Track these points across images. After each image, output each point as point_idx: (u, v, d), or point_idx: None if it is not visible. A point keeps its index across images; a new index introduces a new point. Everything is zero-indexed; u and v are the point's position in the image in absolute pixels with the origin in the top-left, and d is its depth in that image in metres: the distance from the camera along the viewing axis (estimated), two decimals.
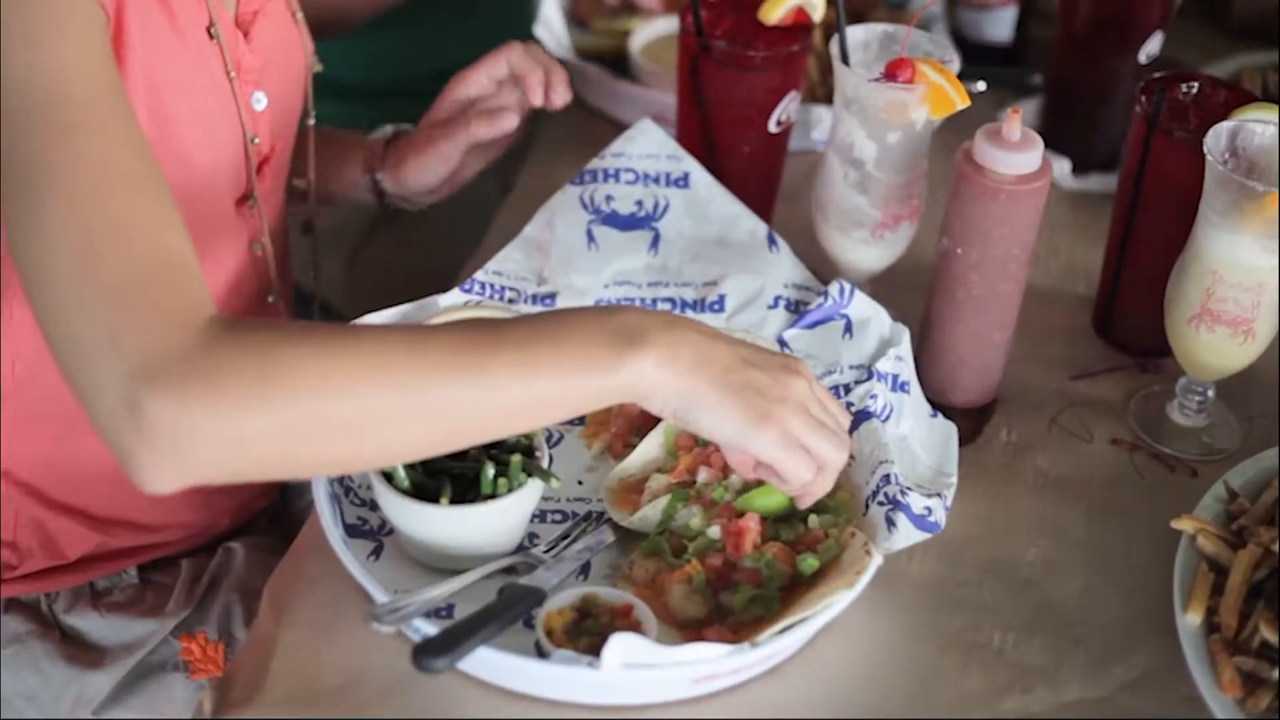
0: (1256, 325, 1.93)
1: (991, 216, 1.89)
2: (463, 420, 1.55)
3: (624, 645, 1.57)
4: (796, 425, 1.65)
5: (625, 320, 1.60)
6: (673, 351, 1.59)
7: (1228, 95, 2.08)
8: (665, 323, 1.61)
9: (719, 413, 1.62)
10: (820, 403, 1.69)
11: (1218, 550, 1.82)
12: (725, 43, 2.11)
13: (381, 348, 1.51)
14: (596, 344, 1.57)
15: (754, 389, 1.63)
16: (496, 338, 1.55)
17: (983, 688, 1.72)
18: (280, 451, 1.48)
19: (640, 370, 1.57)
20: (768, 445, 1.64)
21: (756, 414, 1.62)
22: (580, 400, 1.59)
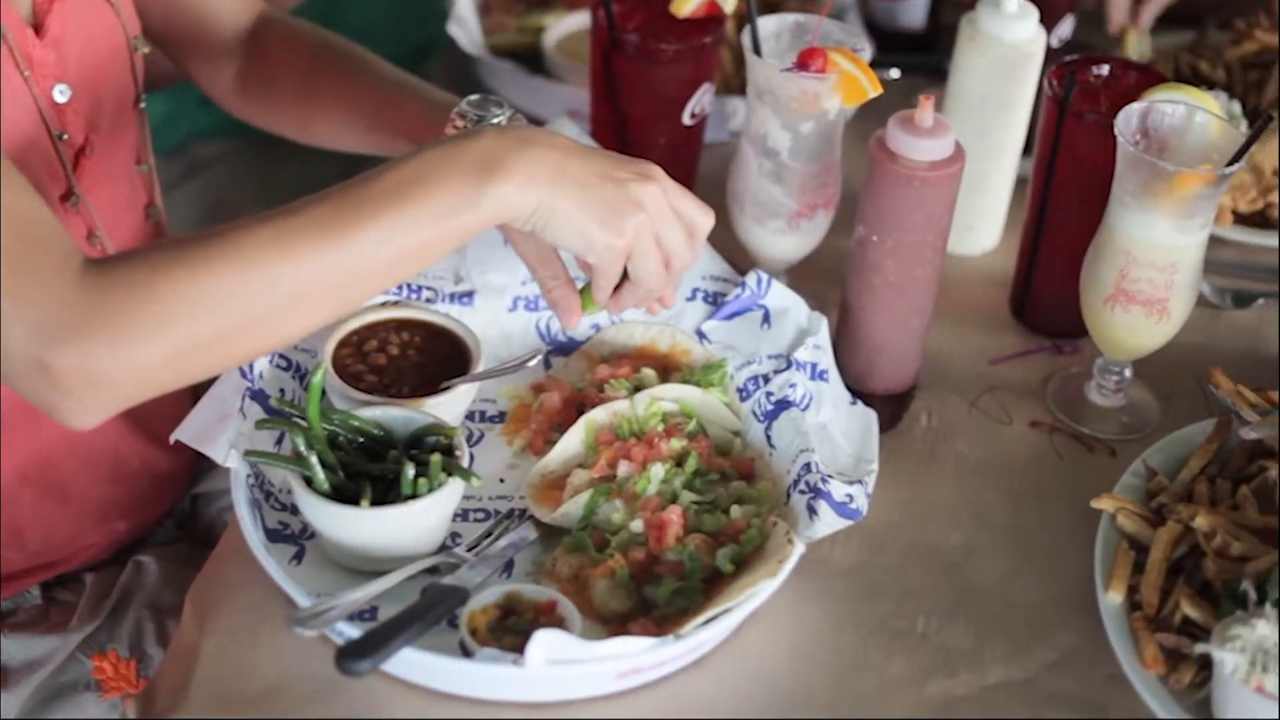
0: (1171, 304, 1.95)
1: (906, 203, 1.90)
2: (347, 289, 1.61)
3: (547, 642, 1.57)
4: (647, 228, 1.70)
5: (482, 148, 1.63)
6: (531, 171, 1.63)
7: (1139, 77, 2.10)
8: (521, 142, 1.65)
9: (574, 223, 1.67)
10: (672, 208, 1.73)
11: (1138, 529, 1.83)
12: (637, 37, 2.12)
13: (249, 246, 1.55)
14: (458, 182, 1.61)
15: (610, 200, 1.67)
16: (360, 202, 1.59)
17: (907, 672, 1.73)
18: (187, 365, 1.55)
19: (502, 196, 1.62)
20: (618, 248, 1.69)
21: (612, 224, 1.67)
22: (453, 238, 1.63)
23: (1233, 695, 1.63)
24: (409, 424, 1.76)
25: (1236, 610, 1.67)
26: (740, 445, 1.91)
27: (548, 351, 2.03)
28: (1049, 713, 1.70)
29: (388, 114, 1.96)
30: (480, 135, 1.64)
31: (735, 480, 1.84)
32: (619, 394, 1.89)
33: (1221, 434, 1.94)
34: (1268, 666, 1.61)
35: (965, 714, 1.69)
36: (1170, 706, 1.67)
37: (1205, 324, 2.23)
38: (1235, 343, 2.23)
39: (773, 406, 1.88)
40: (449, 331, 1.90)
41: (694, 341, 1.99)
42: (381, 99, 1.97)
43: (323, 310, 1.61)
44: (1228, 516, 1.81)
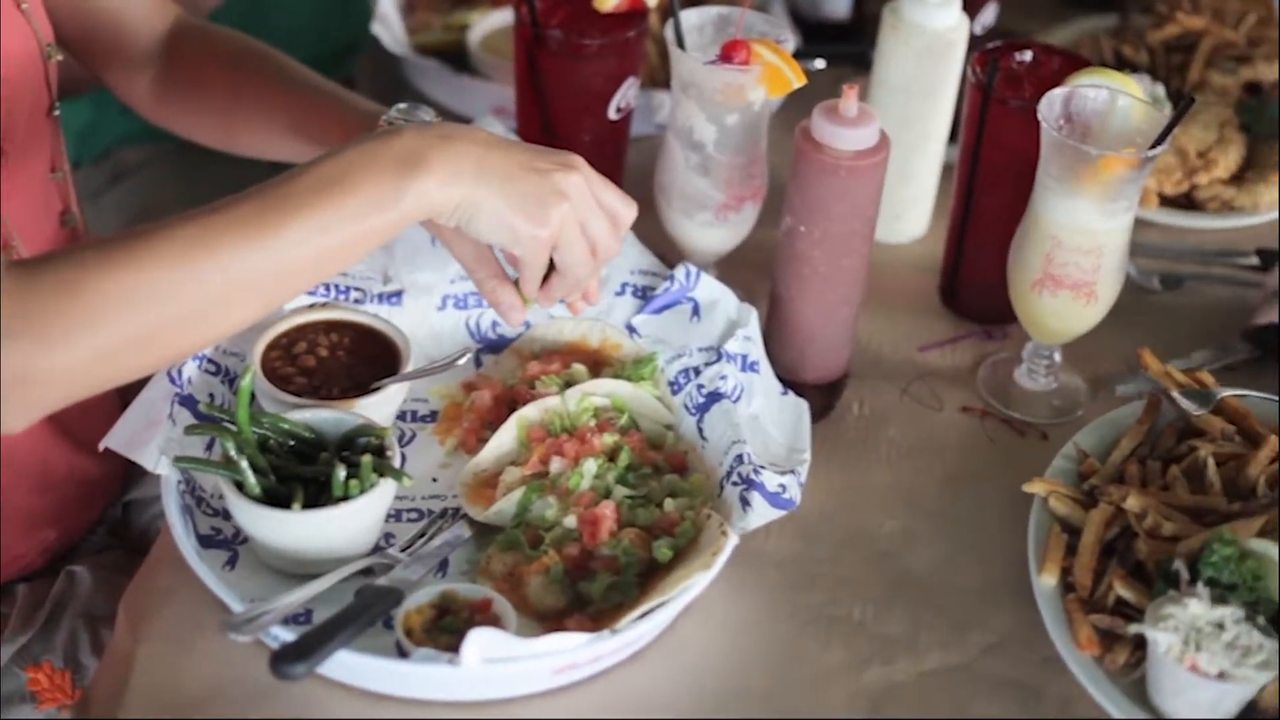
0: (1098, 287, 1.96)
1: (832, 193, 1.90)
2: (272, 286, 1.60)
3: (482, 640, 1.56)
4: (572, 217, 1.70)
5: (404, 145, 1.63)
6: (454, 167, 1.64)
7: (1062, 62, 2.11)
8: (441, 138, 1.65)
9: (499, 216, 1.67)
10: (595, 197, 1.73)
11: (1070, 511, 1.84)
12: (560, 32, 2.11)
13: (174, 244, 1.54)
14: (380, 179, 1.61)
15: (531, 189, 1.68)
16: (283, 199, 1.59)
17: (844, 661, 1.73)
18: (115, 365, 1.55)
19: (425, 193, 1.63)
20: (542, 239, 1.69)
21: (536, 215, 1.67)
22: (377, 235, 1.63)
23: (1167, 675, 1.64)
24: (340, 426, 1.75)
25: (1169, 590, 1.68)
26: (672, 438, 1.91)
27: (478, 349, 2.02)
28: (986, 696, 1.71)
29: (313, 121, 1.94)
30: (401, 132, 1.64)
31: (668, 474, 1.85)
32: (550, 390, 1.89)
33: (1151, 415, 1.96)
34: (1201, 645, 1.62)
35: (903, 700, 1.70)
36: (1106, 687, 1.68)
37: (1133, 306, 2.23)
38: (1163, 324, 2.24)
39: (704, 399, 1.89)
40: (378, 332, 1.89)
41: (624, 336, 1.99)
42: (305, 106, 1.96)
43: (249, 308, 1.61)
44: (1159, 497, 1.82)
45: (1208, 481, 1.86)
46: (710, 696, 1.68)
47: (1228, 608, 1.64)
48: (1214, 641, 1.62)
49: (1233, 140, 2.54)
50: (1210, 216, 2.46)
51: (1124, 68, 2.64)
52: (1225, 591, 1.67)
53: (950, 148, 2.31)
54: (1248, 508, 1.81)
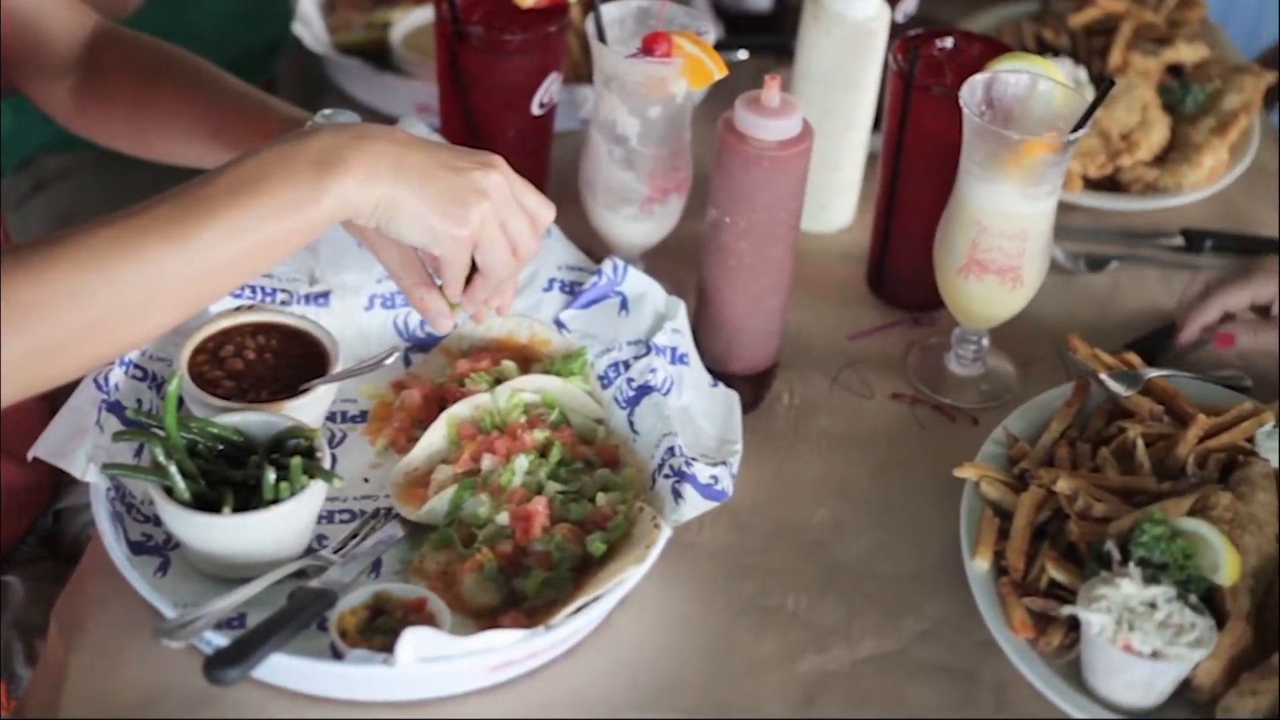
0: (1023, 271, 1.97)
1: (756, 183, 1.90)
2: (192, 289, 1.60)
3: (417, 639, 1.56)
4: (492, 216, 1.70)
5: (322, 145, 1.62)
6: (372, 166, 1.63)
7: (983, 48, 2.12)
8: (359, 137, 1.65)
9: (418, 215, 1.66)
10: (514, 195, 1.73)
11: (1001, 495, 1.85)
12: (482, 28, 2.11)
13: (92, 248, 1.54)
14: (298, 179, 1.60)
15: (451, 191, 1.67)
16: (201, 201, 1.58)
17: (779, 651, 1.73)
18: (36, 370, 1.54)
19: (343, 193, 1.62)
20: (462, 239, 1.69)
21: (456, 214, 1.67)
22: (296, 236, 1.63)
23: (1101, 655, 1.65)
24: (269, 428, 1.74)
25: (1101, 571, 1.69)
26: (603, 433, 1.91)
27: (406, 348, 2.02)
28: (921, 682, 1.72)
29: (235, 128, 1.92)
30: (318, 133, 1.64)
31: (600, 468, 1.85)
32: (480, 387, 1.89)
33: (1080, 397, 1.97)
34: (1134, 625, 1.63)
35: (837, 689, 1.70)
36: (1040, 670, 1.69)
37: (1060, 289, 2.26)
38: (1090, 307, 2.26)
39: (634, 392, 1.89)
40: (305, 333, 1.88)
41: (553, 331, 1.99)
42: (226, 113, 1.94)
43: (169, 312, 1.60)
44: (1089, 479, 1.83)
45: (1137, 462, 1.87)
46: (646, 689, 1.68)
47: (1159, 587, 1.66)
48: (1147, 621, 1.64)
49: (1155, 122, 2.56)
50: (1134, 198, 2.48)
51: (1045, 52, 2.66)
52: (1157, 571, 1.68)
53: (874, 136, 2.32)
54: (1177, 487, 1.83)
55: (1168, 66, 2.71)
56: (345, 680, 1.62)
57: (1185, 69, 2.73)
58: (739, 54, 2.53)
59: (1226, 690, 1.67)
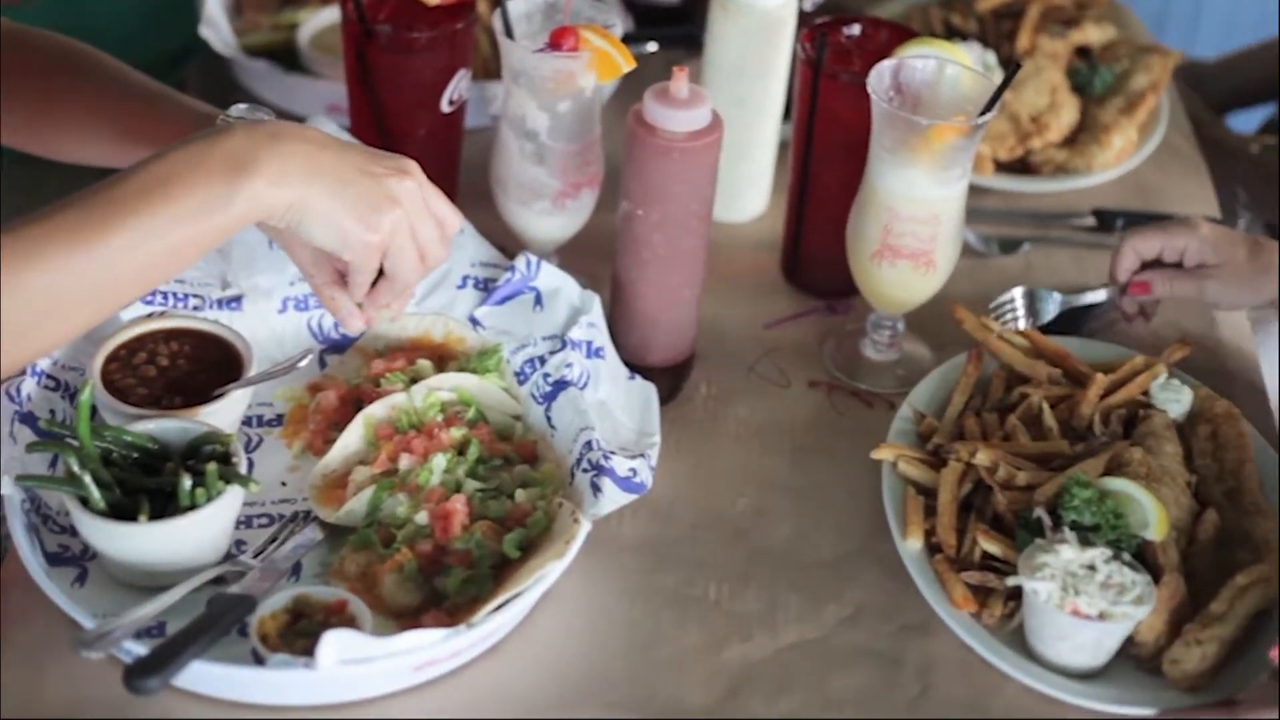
0: (936, 255, 1.97)
1: (668, 175, 1.90)
2: (102, 295, 1.58)
3: (338, 641, 1.55)
4: (404, 223, 1.68)
5: (233, 146, 1.60)
6: (283, 167, 1.61)
7: (890, 34, 2.12)
8: (272, 136, 1.62)
9: (330, 219, 1.65)
10: (426, 202, 1.71)
11: (920, 473, 1.87)
12: (389, 27, 2.10)
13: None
14: (208, 181, 1.58)
15: (365, 196, 1.66)
16: (108, 204, 1.56)
17: (702, 641, 1.74)
18: None
19: (254, 194, 1.60)
20: (373, 244, 1.67)
21: (368, 219, 1.65)
22: (207, 239, 1.60)
23: (1049, 622, 1.67)
24: (184, 435, 1.73)
25: (1033, 539, 1.71)
26: (521, 429, 1.90)
27: (321, 350, 2.01)
28: (845, 668, 1.72)
29: (144, 126, 1.89)
30: (230, 132, 1.62)
31: (518, 464, 1.85)
32: (396, 387, 1.88)
33: (976, 366, 1.99)
34: (1078, 589, 1.66)
35: (762, 677, 1.71)
36: (989, 642, 1.72)
37: (973, 272, 2.27)
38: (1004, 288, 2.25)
39: (551, 388, 1.88)
40: (219, 338, 1.87)
41: (468, 329, 1.99)
42: (135, 110, 1.91)
43: (79, 318, 1.58)
44: (1005, 448, 1.86)
45: (1045, 426, 1.91)
46: (571, 684, 1.68)
47: (1095, 549, 1.69)
48: (1089, 584, 1.67)
49: (1065, 104, 2.57)
50: (1045, 180, 2.49)
51: (954, 37, 2.67)
52: (1089, 533, 1.71)
53: (785, 125, 2.32)
54: (1090, 448, 1.86)
55: (1076, 48, 2.72)
56: (267, 685, 1.62)
57: (1093, 50, 2.74)
58: (648, 46, 2.53)
59: (1169, 643, 1.70)
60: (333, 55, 2.51)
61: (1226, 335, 2.22)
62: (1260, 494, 1.88)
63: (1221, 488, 1.89)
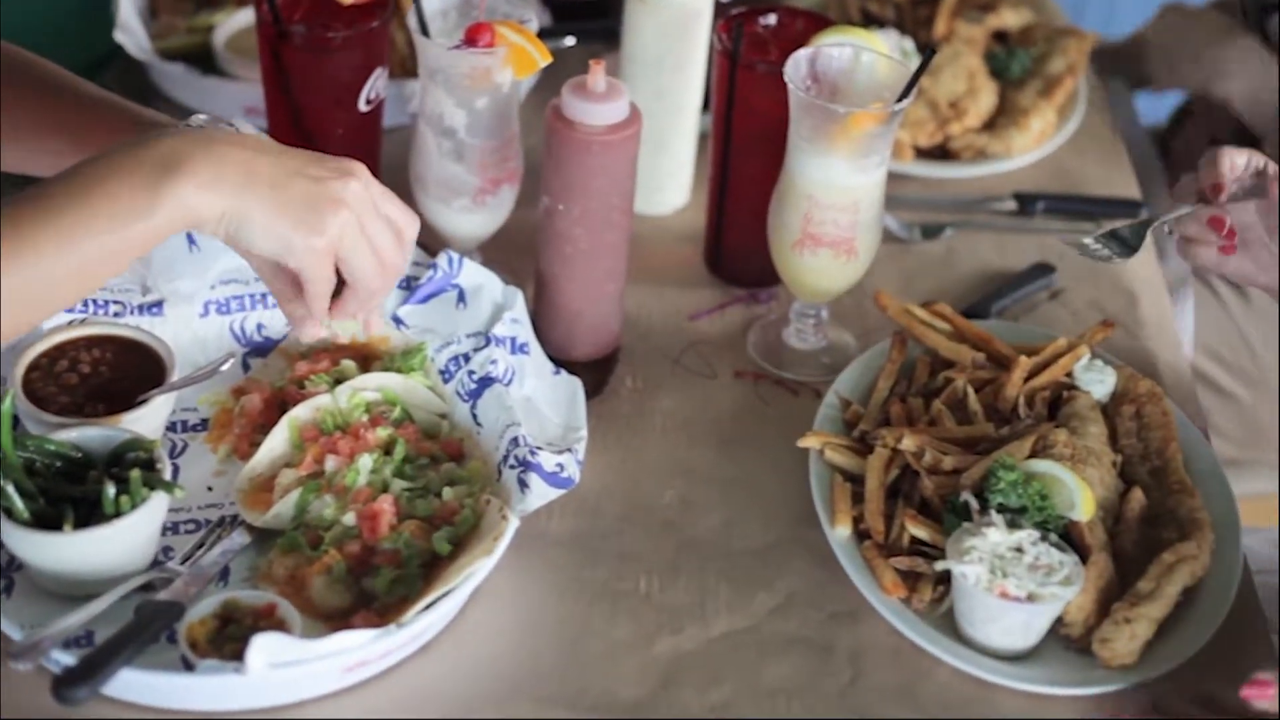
0: (857, 243, 1.98)
1: (587, 169, 1.90)
2: (29, 301, 1.53)
3: (267, 645, 1.55)
4: (353, 225, 1.62)
5: (162, 149, 1.55)
6: (216, 172, 1.55)
7: (806, 23, 2.13)
8: (204, 142, 1.57)
9: (269, 225, 1.58)
10: (375, 205, 1.65)
11: (847, 460, 1.87)
12: (304, 27, 2.09)
13: None
14: (132, 186, 1.53)
15: (306, 199, 1.59)
16: (35, 211, 1.52)
17: (633, 634, 1.74)
18: None
19: (182, 199, 1.54)
20: (319, 249, 1.60)
21: (311, 223, 1.59)
22: (135, 245, 1.55)
23: (978, 605, 1.68)
24: (107, 442, 1.72)
25: (960, 523, 1.72)
26: (447, 427, 1.90)
27: (244, 353, 1.99)
28: (777, 656, 1.73)
29: (97, 136, 1.83)
30: (162, 136, 1.57)
31: (445, 462, 1.84)
32: (320, 389, 1.87)
33: (901, 352, 2.00)
34: (1007, 572, 1.67)
35: (694, 668, 1.71)
36: (920, 627, 1.73)
37: (896, 259, 2.28)
38: (927, 274, 2.28)
39: (476, 385, 1.88)
40: (141, 344, 1.86)
41: (391, 328, 1.98)
42: (86, 119, 1.86)
43: (14, 323, 1.54)
44: (930, 433, 1.87)
45: (970, 410, 1.92)
46: (502, 682, 1.68)
47: (1022, 531, 1.70)
48: (1017, 566, 1.68)
49: (983, 88, 2.58)
50: (965, 165, 2.50)
51: (871, 25, 2.67)
52: (1016, 515, 1.72)
53: (705, 116, 2.33)
54: (1015, 430, 1.87)
55: (993, 33, 2.74)
56: (198, 691, 1.61)
57: (1010, 35, 2.75)
58: (566, 41, 2.52)
59: (1099, 623, 1.72)
60: (249, 57, 2.50)
61: (1148, 315, 2.23)
62: (1185, 472, 1.89)
63: (1147, 467, 1.90)
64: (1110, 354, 2.06)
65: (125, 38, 2.51)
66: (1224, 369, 2.71)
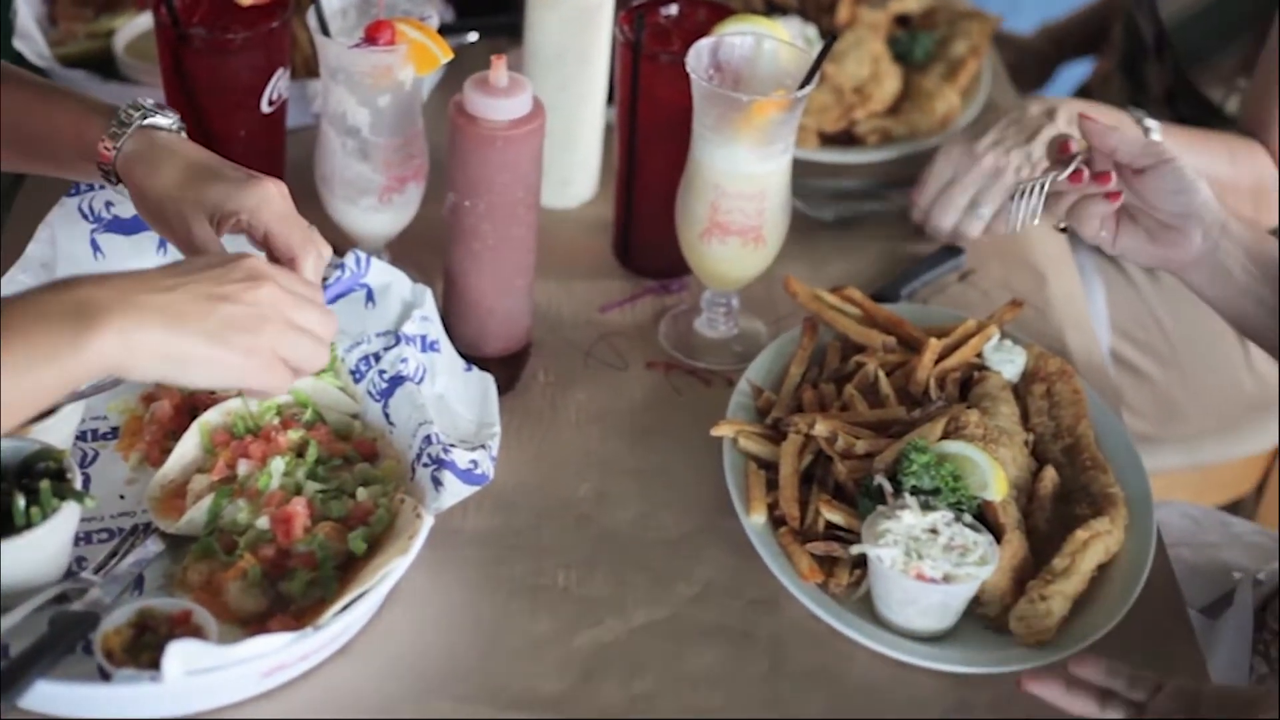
0: (765, 230, 1.99)
1: (492, 165, 1.90)
2: None
3: (183, 652, 1.54)
4: (283, 344, 1.59)
5: (79, 296, 1.50)
6: (138, 320, 1.51)
7: (708, 12, 2.13)
8: (123, 289, 1.52)
9: (213, 362, 1.55)
10: (294, 300, 1.62)
11: (761, 448, 1.88)
12: (203, 29, 2.07)
13: None
14: (49, 333, 1.47)
15: (232, 326, 1.56)
16: None
17: (553, 628, 1.74)
18: None
19: (103, 349, 1.49)
20: (261, 365, 1.58)
21: (243, 352, 1.56)
22: (50, 391, 1.49)
23: (895, 587, 1.69)
24: (16, 453, 1.70)
25: (875, 506, 1.73)
26: (360, 427, 1.89)
27: None
28: (697, 645, 1.73)
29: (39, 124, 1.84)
30: (81, 280, 1.52)
31: (359, 463, 1.83)
32: (230, 393, 1.86)
33: (811, 338, 2.01)
34: (921, 553, 1.68)
35: (614, 660, 1.71)
36: (838, 611, 1.74)
37: (805, 245, 2.28)
38: (836, 259, 2.28)
39: (387, 384, 1.87)
40: None
41: None
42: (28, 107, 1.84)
43: None
44: (842, 418, 1.87)
45: (882, 394, 1.93)
46: (422, 680, 1.68)
47: (936, 512, 1.71)
48: (932, 547, 1.69)
49: (887, 73, 2.59)
50: (872, 149, 2.51)
51: (774, 13, 2.68)
52: (929, 497, 1.73)
53: (610, 109, 2.33)
54: (927, 413, 1.88)
55: (895, 17, 2.74)
56: (116, 701, 1.59)
57: (912, 19, 2.76)
58: (469, 37, 2.52)
59: (1015, 601, 1.73)
60: (150, 61, 2.48)
61: (1057, 294, 2.25)
62: (1097, 448, 1.91)
63: (1059, 445, 1.92)
64: (1020, 333, 2.07)
65: (24, 45, 2.49)
66: (1137, 348, 2.73)
